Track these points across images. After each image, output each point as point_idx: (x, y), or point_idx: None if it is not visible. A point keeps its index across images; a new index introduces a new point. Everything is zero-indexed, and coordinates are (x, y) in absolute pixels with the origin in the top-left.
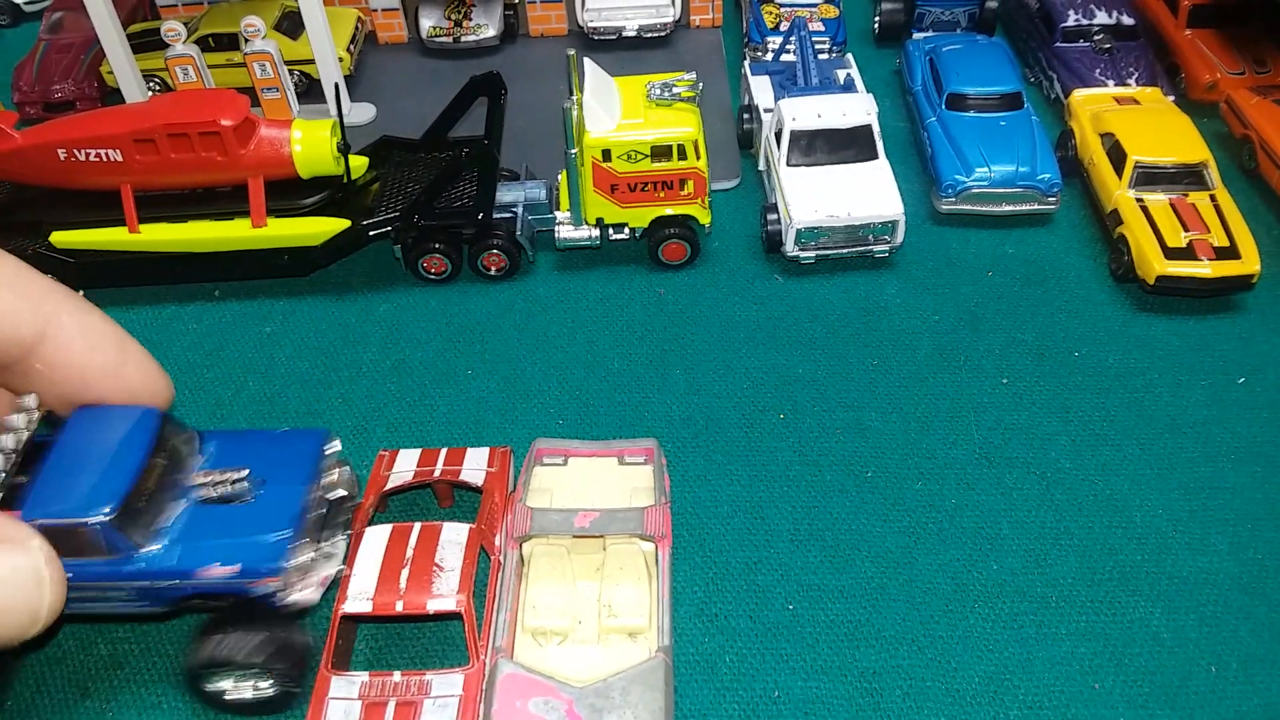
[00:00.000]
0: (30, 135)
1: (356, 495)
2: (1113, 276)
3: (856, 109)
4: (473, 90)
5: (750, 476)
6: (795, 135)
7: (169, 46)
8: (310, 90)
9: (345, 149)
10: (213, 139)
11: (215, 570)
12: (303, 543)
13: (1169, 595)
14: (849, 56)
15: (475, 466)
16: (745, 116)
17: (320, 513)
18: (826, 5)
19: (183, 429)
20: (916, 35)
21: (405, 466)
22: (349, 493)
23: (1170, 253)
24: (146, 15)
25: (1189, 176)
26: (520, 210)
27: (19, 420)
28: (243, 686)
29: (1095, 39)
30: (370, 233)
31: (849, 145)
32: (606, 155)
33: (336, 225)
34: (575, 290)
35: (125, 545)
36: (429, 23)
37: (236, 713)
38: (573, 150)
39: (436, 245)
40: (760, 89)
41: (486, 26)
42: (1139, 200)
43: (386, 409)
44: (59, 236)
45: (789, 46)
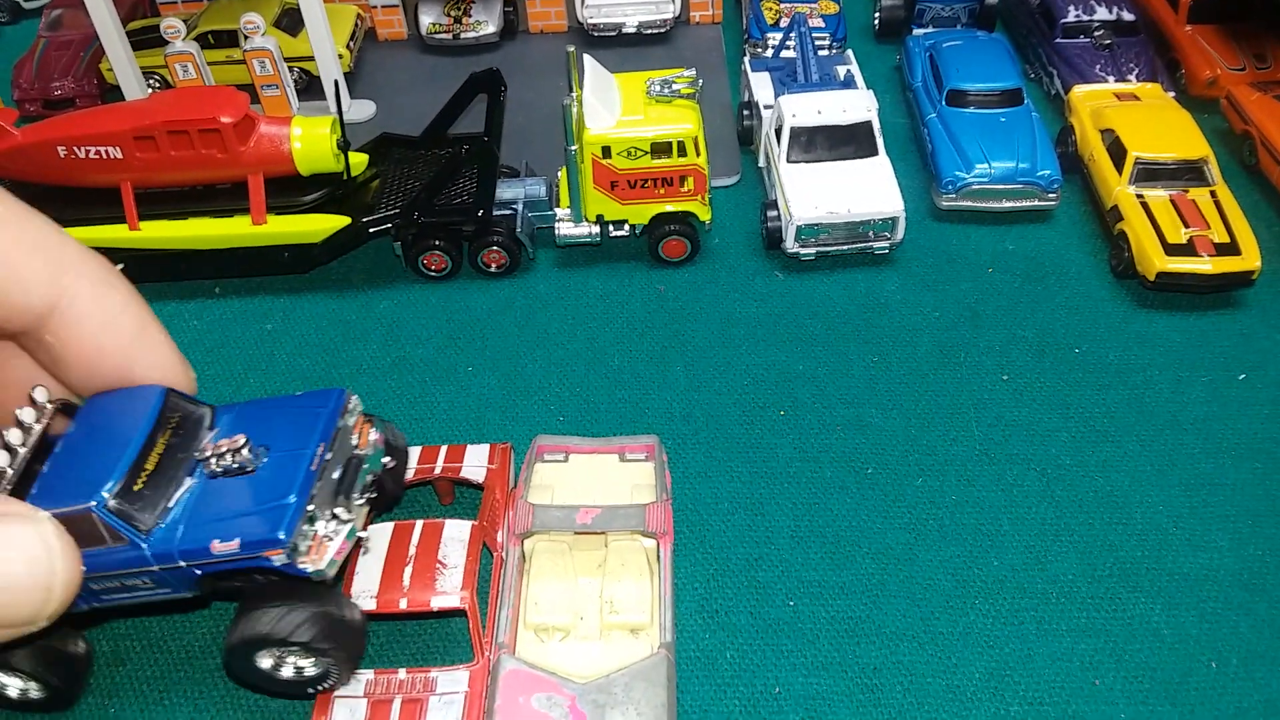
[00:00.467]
0: (30, 133)
1: (405, 457)
2: (1113, 273)
3: (857, 105)
4: (472, 87)
5: (751, 473)
6: (795, 131)
7: (168, 43)
8: (310, 87)
9: (345, 146)
10: (213, 136)
11: (217, 547)
12: (311, 509)
13: (1169, 591)
14: (849, 53)
15: (476, 463)
16: (745, 113)
17: (335, 476)
18: (826, 1)
19: (194, 404)
20: (917, 31)
21: None
22: (381, 451)
23: (1171, 249)
24: (146, 12)
25: (1189, 172)
26: (520, 207)
27: (29, 415)
28: (287, 665)
29: (1095, 35)
30: (370, 230)
31: (849, 142)
32: (606, 152)
33: (337, 222)
34: (575, 287)
35: (128, 529)
36: (428, 19)
37: (283, 693)
38: (573, 147)
39: (437, 242)
40: (760, 85)
41: (486, 23)
42: (1139, 196)
43: (387, 406)
44: None
45: (789, 43)
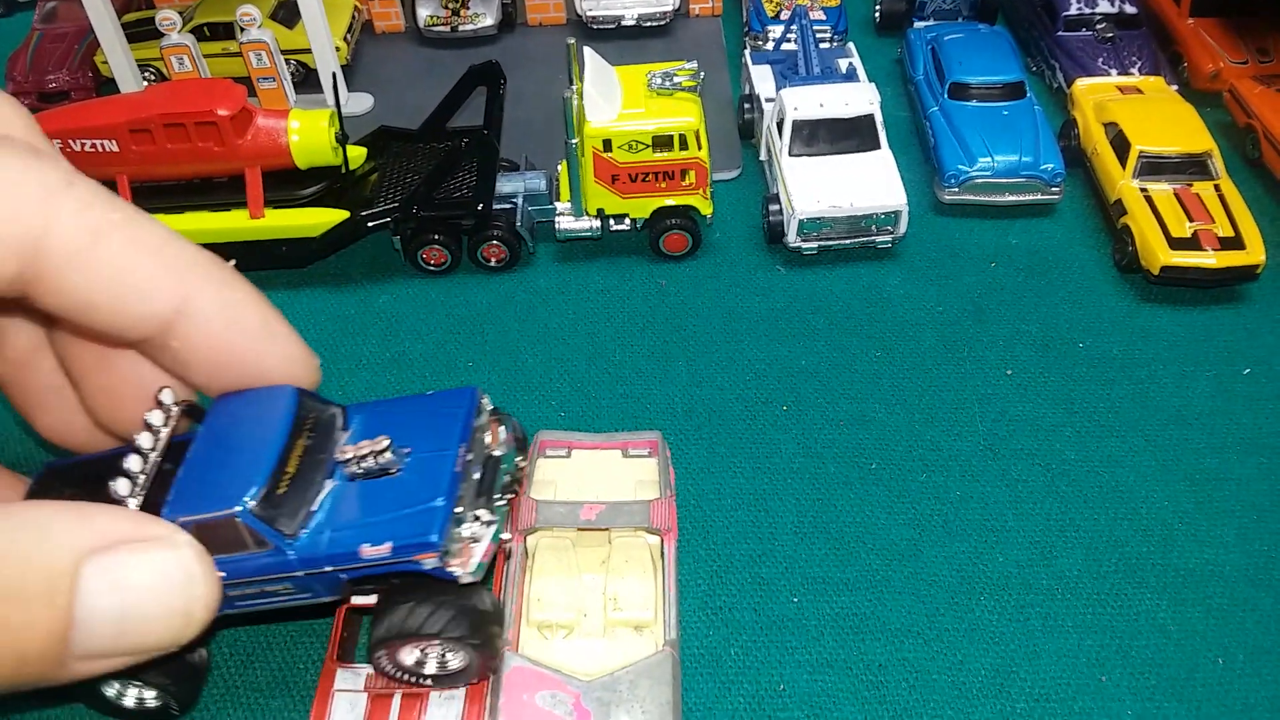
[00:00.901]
0: None
1: (526, 451)
2: (1117, 267)
3: (859, 98)
4: (471, 80)
5: (754, 469)
6: (797, 125)
7: (164, 36)
8: (307, 80)
9: (343, 139)
10: (209, 129)
11: (367, 551)
12: (458, 512)
13: (1175, 587)
14: (850, 45)
15: None
16: (746, 106)
17: (476, 477)
18: None
19: (325, 405)
20: (918, 24)
21: None
22: (515, 450)
23: (1175, 243)
24: (141, 4)
25: (1193, 166)
26: (520, 201)
27: (157, 418)
28: (429, 660)
29: (1098, 28)
30: (369, 224)
31: (851, 135)
32: (607, 145)
33: (335, 216)
34: (576, 281)
35: (273, 534)
36: (426, 12)
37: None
38: (573, 140)
39: (436, 236)
40: (761, 78)
41: (484, 15)
42: (1143, 190)
43: None
44: None
45: (790, 35)
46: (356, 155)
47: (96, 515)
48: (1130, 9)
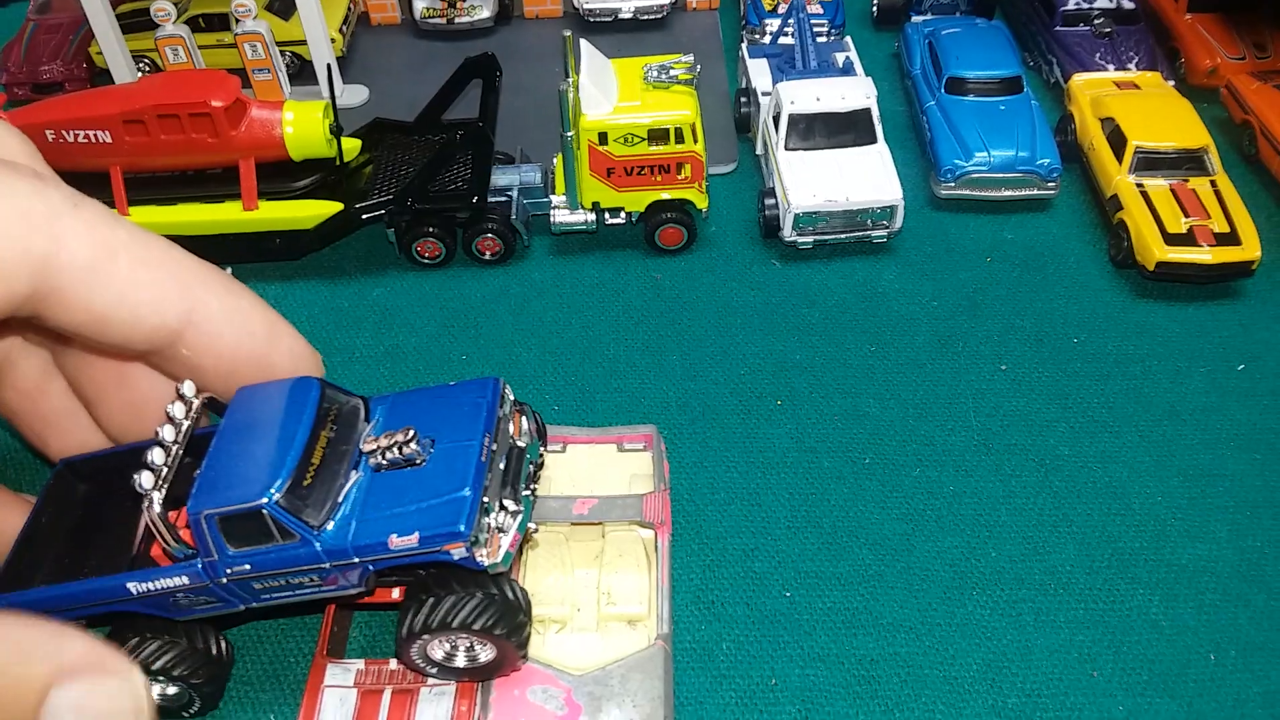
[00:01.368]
0: (18, 116)
1: (545, 441)
2: (1112, 262)
3: (855, 92)
4: (467, 72)
5: (747, 463)
6: (794, 119)
7: (159, 27)
8: (302, 72)
9: (338, 131)
10: (203, 120)
11: (395, 542)
12: (485, 501)
13: (1168, 583)
14: (847, 39)
15: None
16: (742, 100)
17: (501, 467)
18: None
19: (348, 396)
20: (915, 18)
21: None
22: (538, 442)
23: (1170, 238)
24: None
25: (1189, 162)
26: (515, 194)
27: (178, 410)
28: (459, 654)
29: (1095, 23)
30: (363, 216)
31: (848, 129)
32: (603, 138)
33: (329, 208)
34: (571, 275)
35: (299, 525)
36: (422, 4)
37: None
38: (569, 133)
39: (430, 229)
40: (758, 72)
41: (480, 8)
42: (1139, 185)
43: None
44: None
45: (787, 29)
46: (351, 147)
47: (71, 641)
48: (1128, 4)
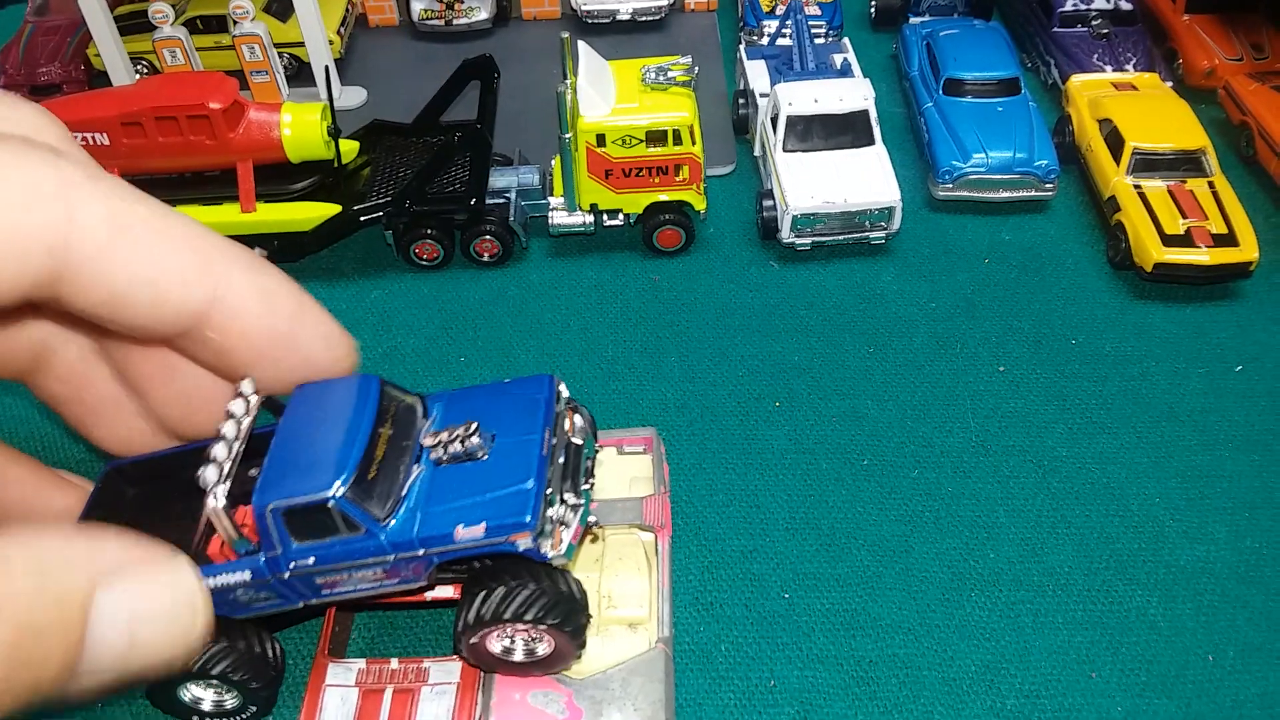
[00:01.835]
0: None
1: (594, 439)
2: (1110, 264)
3: (853, 94)
4: (465, 74)
5: (746, 464)
6: (791, 120)
7: (156, 29)
8: (300, 74)
9: (336, 133)
10: (201, 122)
11: (461, 533)
12: (548, 493)
13: (1166, 584)
14: (845, 41)
15: None
16: (740, 101)
17: (561, 461)
18: None
19: (405, 393)
20: (913, 19)
21: None
22: (592, 438)
23: (1168, 240)
24: None
25: (1187, 163)
26: (513, 195)
27: (238, 407)
28: (516, 648)
29: (1093, 24)
30: (361, 218)
31: (846, 130)
32: (601, 140)
33: (327, 210)
34: (569, 277)
35: (365, 518)
36: (420, 5)
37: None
38: (567, 135)
39: (428, 231)
40: (756, 73)
41: (478, 9)
42: (1137, 187)
43: None
44: None
45: (785, 30)
46: (349, 149)
47: (103, 540)
48: (1126, 5)
